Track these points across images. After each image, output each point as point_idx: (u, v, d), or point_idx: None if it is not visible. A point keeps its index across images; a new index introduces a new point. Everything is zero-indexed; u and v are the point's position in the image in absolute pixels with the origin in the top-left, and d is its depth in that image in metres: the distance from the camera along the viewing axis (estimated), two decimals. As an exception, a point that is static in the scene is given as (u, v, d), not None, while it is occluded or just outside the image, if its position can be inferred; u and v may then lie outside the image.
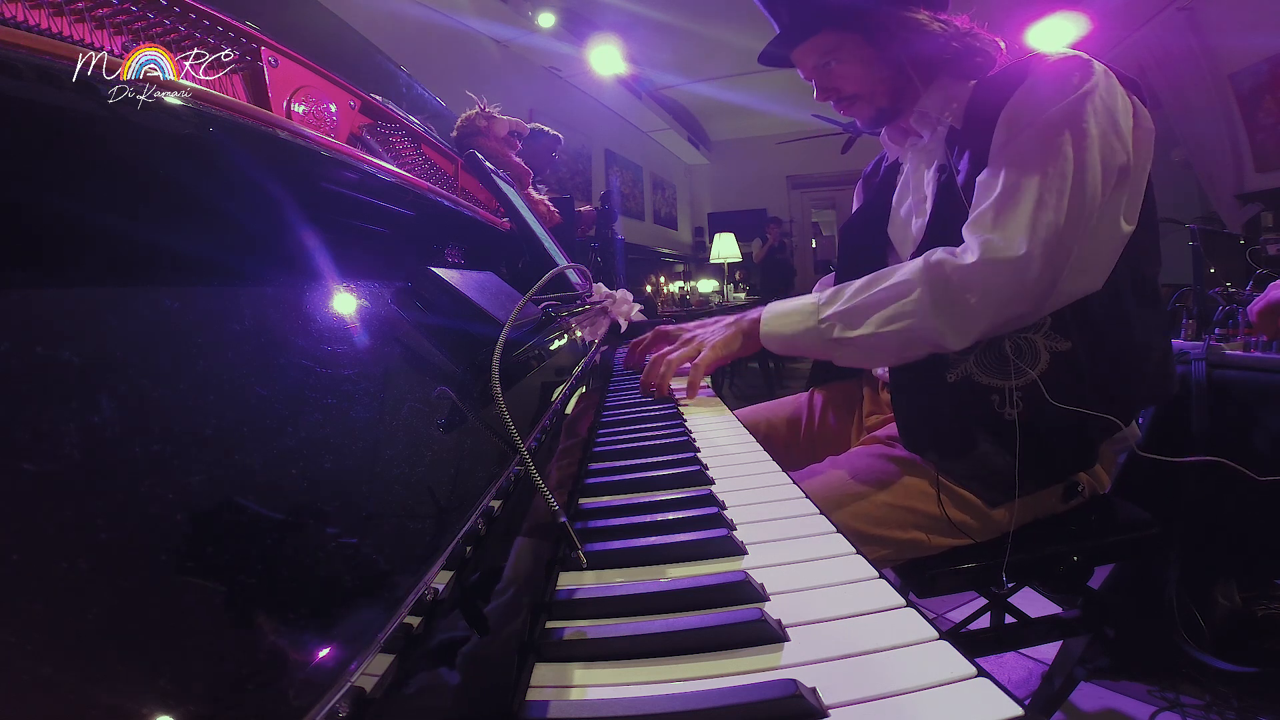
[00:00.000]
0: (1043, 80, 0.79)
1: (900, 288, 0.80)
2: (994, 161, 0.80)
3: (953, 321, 0.78)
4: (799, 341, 0.89)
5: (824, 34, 0.92)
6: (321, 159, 0.54)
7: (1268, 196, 3.64)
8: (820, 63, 0.94)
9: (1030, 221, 0.75)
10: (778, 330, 0.90)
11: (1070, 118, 0.76)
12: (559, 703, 0.31)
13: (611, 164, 5.68)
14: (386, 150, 1.01)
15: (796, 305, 0.90)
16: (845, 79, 0.94)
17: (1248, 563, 1.29)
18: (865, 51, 0.91)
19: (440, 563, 0.31)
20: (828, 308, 0.86)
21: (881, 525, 0.82)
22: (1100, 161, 0.75)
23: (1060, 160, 0.75)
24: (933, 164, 0.93)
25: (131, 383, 0.26)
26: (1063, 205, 0.74)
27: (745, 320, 0.95)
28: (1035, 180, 0.75)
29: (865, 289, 0.84)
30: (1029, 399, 0.80)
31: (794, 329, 0.89)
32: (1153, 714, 1.25)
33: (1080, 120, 0.75)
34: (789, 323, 0.90)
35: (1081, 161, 0.75)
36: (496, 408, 0.46)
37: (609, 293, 1.55)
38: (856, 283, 0.85)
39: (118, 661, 0.18)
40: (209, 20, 0.66)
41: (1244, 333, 1.42)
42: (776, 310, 0.92)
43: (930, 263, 0.79)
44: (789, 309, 0.90)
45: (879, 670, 0.32)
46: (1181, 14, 3.83)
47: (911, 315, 0.79)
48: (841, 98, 0.96)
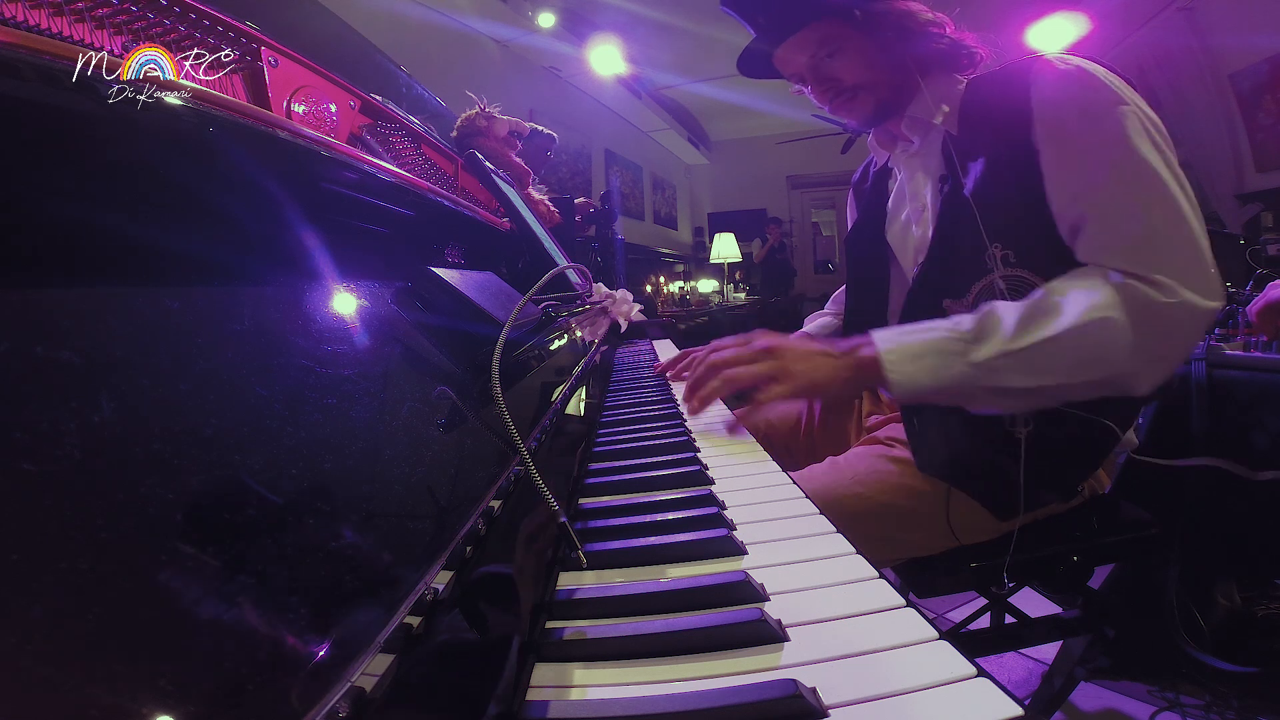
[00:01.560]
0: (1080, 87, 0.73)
1: (1095, 329, 0.68)
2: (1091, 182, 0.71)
3: (1152, 365, 0.69)
4: (944, 391, 0.72)
5: (815, 26, 0.87)
6: (321, 159, 0.54)
7: (1268, 196, 3.64)
8: (815, 56, 0.89)
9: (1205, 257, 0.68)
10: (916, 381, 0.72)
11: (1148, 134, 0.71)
12: (559, 703, 0.31)
13: (611, 164, 5.67)
14: (386, 150, 1.01)
15: (930, 342, 0.72)
16: (846, 69, 0.88)
17: (1248, 563, 1.29)
18: (863, 42, 0.87)
19: (440, 563, 0.31)
20: (982, 346, 0.70)
21: (882, 525, 0.82)
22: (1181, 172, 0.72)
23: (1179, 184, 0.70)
24: (930, 172, 0.90)
25: (131, 383, 0.26)
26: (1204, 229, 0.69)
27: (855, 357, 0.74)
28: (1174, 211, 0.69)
29: (1035, 323, 0.70)
30: (1039, 416, 0.79)
31: (938, 378, 0.71)
32: (1153, 714, 1.25)
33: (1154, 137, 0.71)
34: (929, 368, 0.71)
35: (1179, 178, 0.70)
36: (496, 408, 0.46)
37: (609, 293, 1.55)
38: (1008, 314, 0.71)
39: (118, 661, 0.18)
40: (209, 20, 0.66)
41: (1244, 333, 1.42)
42: (901, 351, 0.72)
43: (1125, 298, 0.68)
44: (920, 349, 0.72)
45: (879, 670, 0.32)
46: (1181, 14, 3.83)
47: (1114, 362, 0.68)
48: (842, 90, 0.89)
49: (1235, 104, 3.75)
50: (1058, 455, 0.81)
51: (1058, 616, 1.06)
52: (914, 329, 0.74)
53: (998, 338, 0.70)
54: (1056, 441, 0.80)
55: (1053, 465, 0.81)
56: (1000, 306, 0.72)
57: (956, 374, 0.70)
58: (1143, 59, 4.13)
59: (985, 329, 0.71)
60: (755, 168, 7.48)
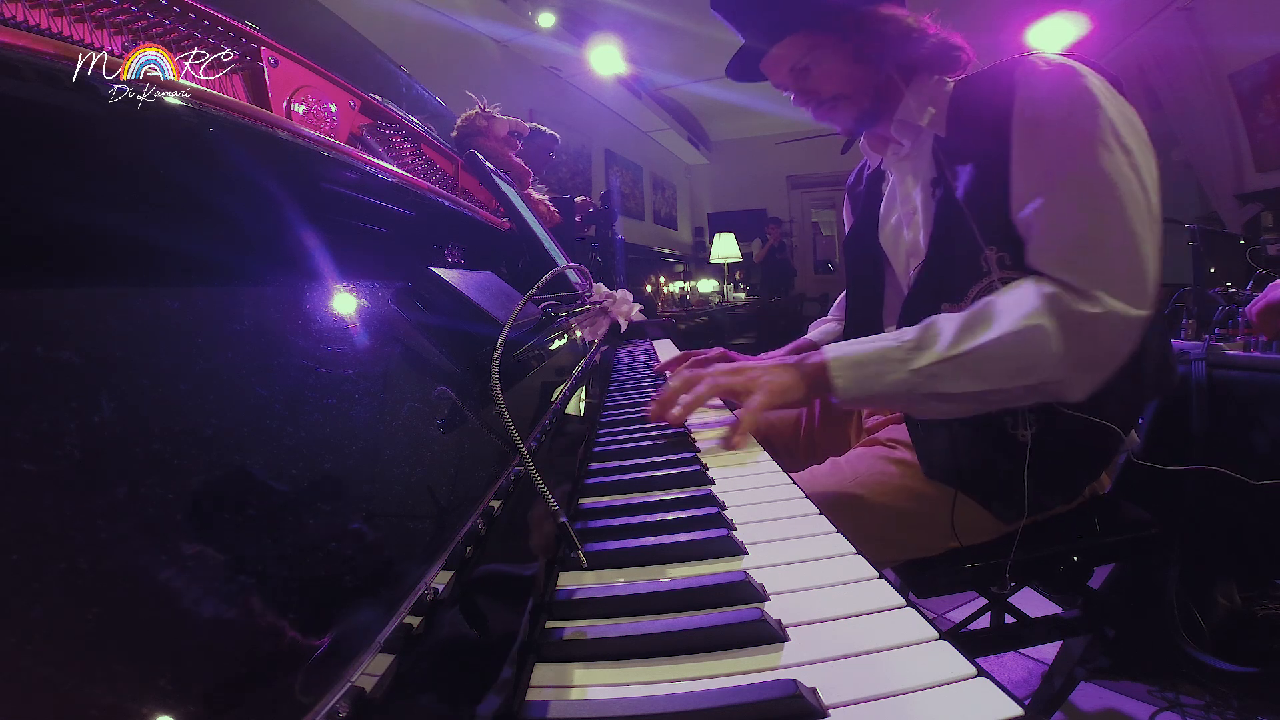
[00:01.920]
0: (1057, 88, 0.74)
1: (1025, 338, 0.70)
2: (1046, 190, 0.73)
3: (1085, 375, 0.71)
4: (885, 397, 0.76)
5: (798, 35, 0.88)
6: (321, 159, 0.54)
7: (1268, 196, 3.64)
8: (797, 66, 0.90)
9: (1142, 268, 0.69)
10: (857, 385, 0.75)
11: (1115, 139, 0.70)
12: (559, 703, 0.31)
13: (611, 164, 5.67)
14: (386, 150, 1.01)
15: (873, 351, 0.76)
16: (826, 80, 0.89)
17: (1248, 563, 1.29)
18: (844, 51, 0.87)
19: (440, 563, 0.31)
20: (922, 354, 0.73)
21: (882, 525, 0.82)
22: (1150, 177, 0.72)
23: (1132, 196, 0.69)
24: (920, 174, 0.90)
25: (131, 383, 0.26)
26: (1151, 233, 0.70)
27: (809, 366, 0.78)
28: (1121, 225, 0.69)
29: (970, 332, 0.72)
30: (1041, 419, 0.79)
31: (878, 384, 0.75)
32: (1153, 714, 1.26)
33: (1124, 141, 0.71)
34: (870, 375, 0.75)
35: (1144, 183, 0.70)
36: (496, 408, 0.46)
37: (609, 293, 1.55)
38: (949, 324, 0.74)
39: (118, 661, 0.18)
40: (209, 20, 0.66)
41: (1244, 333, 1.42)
42: (848, 358, 0.77)
43: (1054, 307, 0.70)
44: (864, 356, 0.76)
45: (879, 670, 0.32)
46: (1181, 14, 3.83)
47: (1042, 370, 0.70)
48: (822, 101, 0.91)
49: (1235, 104, 3.75)
50: (1061, 457, 0.81)
51: (1058, 616, 1.06)
52: (864, 340, 0.78)
53: (936, 347, 0.73)
54: (1060, 444, 0.80)
55: (1057, 467, 0.81)
56: (942, 318, 0.76)
57: (897, 380, 0.74)
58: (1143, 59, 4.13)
59: (926, 339, 0.74)
60: (755, 168, 7.48)
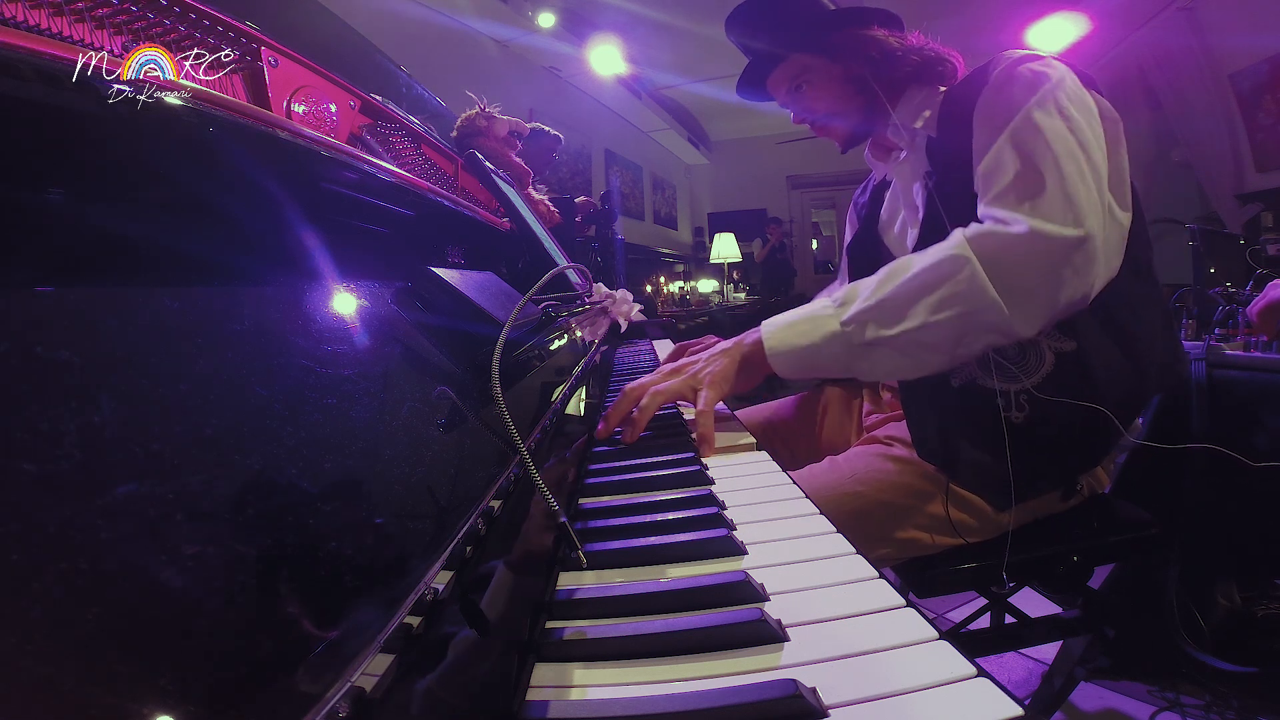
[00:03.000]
0: (1011, 76, 0.78)
1: (943, 267, 0.71)
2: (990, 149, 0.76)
3: (1019, 301, 0.70)
4: (818, 354, 0.76)
5: (791, 59, 0.96)
6: (321, 159, 0.54)
7: (1268, 196, 3.64)
8: (792, 86, 0.97)
9: (1070, 193, 0.70)
10: (788, 344, 0.77)
11: (1055, 104, 0.74)
12: (559, 703, 0.31)
13: (611, 164, 5.67)
14: (386, 150, 1.01)
15: (805, 312, 0.79)
16: (816, 100, 0.96)
17: (1248, 563, 1.29)
18: (833, 73, 0.94)
19: (440, 563, 0.31)
20: (848, 307, 0.75)
21: (881, 524, 0.82)
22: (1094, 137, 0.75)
23: (1062, 141, 0.72)
24: (918, 174, 0.93)
25: (131, 383, 0.26)
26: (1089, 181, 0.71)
27: (743, 344, 0.80)
28: (1050, 158, 0.71)
29: (891, 278, 0.74)
30: (1034, 401, 0.80)
31: (809, 339, 0.76)
32: (1153, 714, 1.26)
33: (1062, 107, 0.74)
34: (800, 333, 0.77)
35: (1085, 143, 0.73)
36: (496, 408, 0.46)
37: (609, 293, 1.55)
38: (872, 278, 0.76)
39: (118, 661, 0.18)
40: (209, 20, 0.66)
41: (1244, 333, 1.42)
42: (780, 322, 0.79)
43: (972, 234, 0.71)
44: (796, 317, 0.79)
45: (879, 670, 0.32)
46: (1181, 14, 3.83)
47: (967, 297, 0.70)
48: (816, 119, 0.98)
49: (1235, 104, 3.75)
50: (1054, 442, 0.81)
51: (1058, 616, 1.06)
52: (796, 310, 0.81)
53: (861, 297, 0.75)
54: (1052, 428, 0.80)
55: (1049, 455, 0.81)
56: (866, 279, 0.77)
57: (826, 335, 0.76)
58: (1143, 59, 4.13)
59: (851, 293, 0.77)
60: (755, 168, 7.48)
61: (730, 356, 0.79)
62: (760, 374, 0.80)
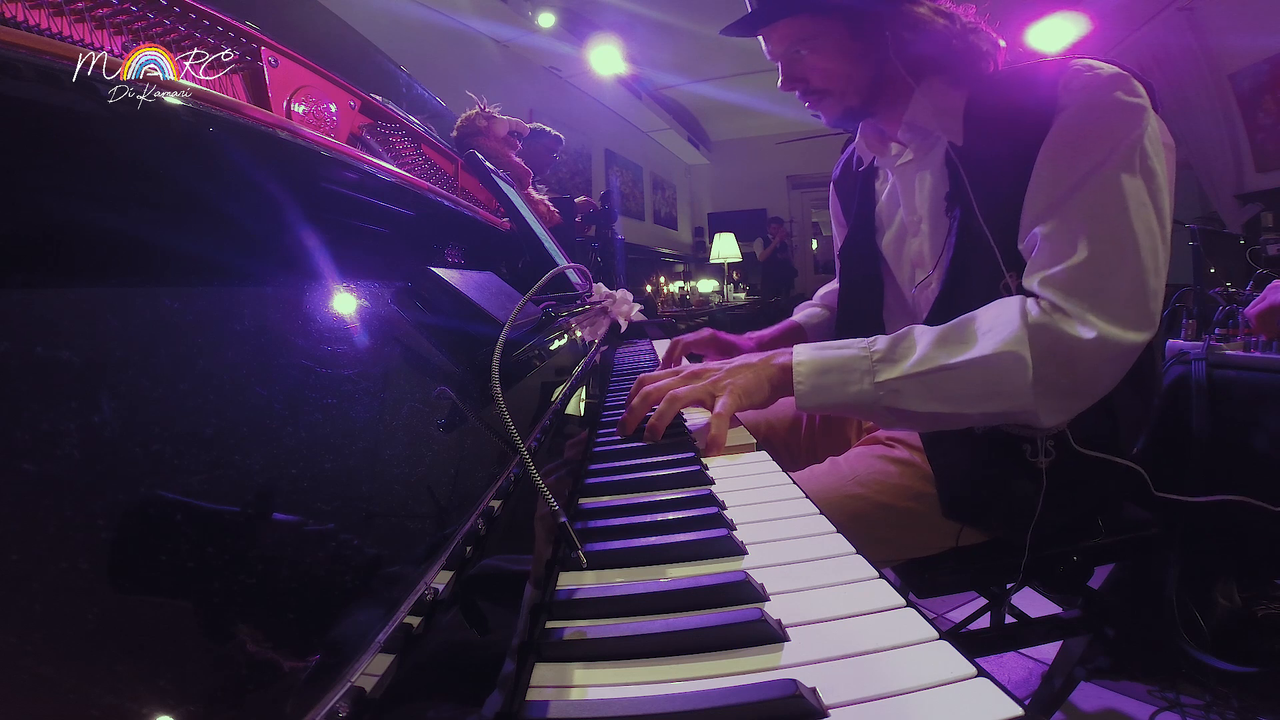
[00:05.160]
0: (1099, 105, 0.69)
1: (1006, 362, 0.67)
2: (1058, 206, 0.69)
3: (1058, 402, 0.67)
4: (843, 402, 0.72)
5: (801, 18, 0.82)
6: (321, 159, 0.54)
7: (1268, 196, 3.64)
8: (791, 49, 0.84)
9: (1146, 293, 0.66)
10: (816, 387, 0.73)
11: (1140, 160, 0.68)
12: (559, 703, 0.31)
13: (611, 164, 5.67)
14: (386, 150, 1.01)
15: (839, 359, 0.73)
16: (814, 71, 0.84)
17: (1248, 563, 1.29)
18: (845, 43, 0.82)
19: (440, 563, 0.31)
20: (889, 368, 0.71)
21: (881, 525, 0.82)
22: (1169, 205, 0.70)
23: (1145, 220, 0.67)
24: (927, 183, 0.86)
25: (131, 383, 0.26)
26: (1162, 265, 0.67)
27: (773, 367, 0.75)
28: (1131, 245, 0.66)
29: (944, 348, 0.69)
30: (1061, 444, 0.77)
31: (842, 393, 0.72)
32: (1153, 714, 1.26)
33: (1147, 160, 0.68)
34: (833, 382, 0.72)
35: (1161, 209, 0.68)
36: (496, 408, 0.46)
37: (609, 293, 1.55)
38: (922, 339, 0.71)
39: (118, 661, 0.18)
40: (209, 20, 0.66)
41: (1244, 333, 1.42)
42: (813, 364, 0.73)
43: (1036, 326, 0.66)
44: (830, 363, 0.73)
45: (879, 670, 0.32)
46: (1181, 14, 3.83)
47: (1011, 396, 0.67)
48: (808, 91, 0.86)
49: (1235, 104, 3.75)
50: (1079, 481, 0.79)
51: (1058, 616, 1.06)
52: (833, 344, 0.75)
53: (906, 362, 0.70)
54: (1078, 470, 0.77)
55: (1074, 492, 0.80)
56: (919, 329, 0.72)
57: (858, 392, 0.71)
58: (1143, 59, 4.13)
59: (896, 352, 0.72)
60: (755, 168, 7.48)
61: (757, 374, 0.75)
62: (779, 396, 0.77)
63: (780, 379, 0.75)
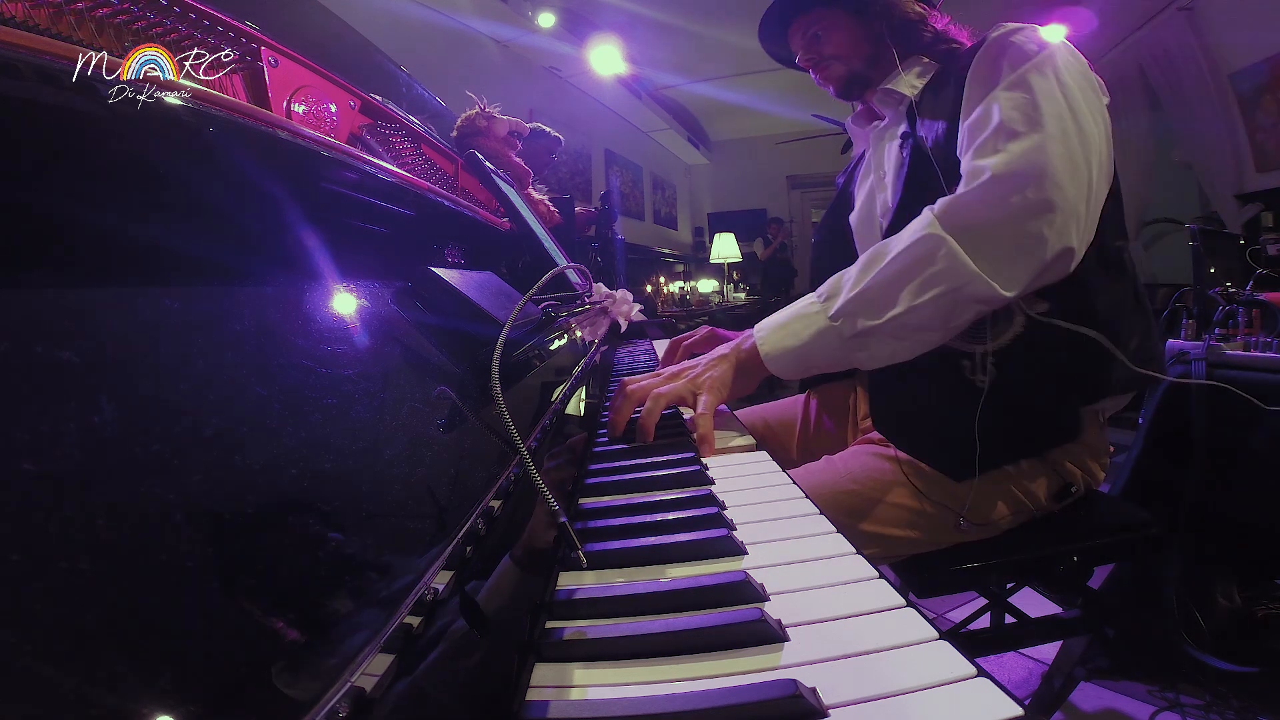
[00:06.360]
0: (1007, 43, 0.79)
1: (918, 249, 0.72)
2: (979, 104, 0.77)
3: (996, 263, 0.70)
4: (813, 351, 0.77)
5: (815, 12, 1.01)
6: (321, 159, 0.54)
7: (1268, 196, 3.63)
8: (808, 35, 1.02)
9: (1042, 142, 0.71)
10: (782, 346, 0.78)
11: (1052, 69, 0.75)
12: (559, 703, 0.31)
13: (611, 164, 5.67)
14: (386, 150, 1.01)
15: (793, 311, 0.80)
16: (828, 43, 1.01)
17: (1248, 563, 1.29)
18: (851, 22, 0.99)
19: (440, 563, 0.31)
20: (833, 302, 0.77)
21: (878, 523, 0.82)
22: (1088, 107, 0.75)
23: (1053, 101, 0.73)
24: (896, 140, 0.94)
25: (131, 383, 0.26)
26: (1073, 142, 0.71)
27: (743, 350, 0.80)
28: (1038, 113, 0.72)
29: (870, 266, 0.75)
30: (1002, 364, 0.78)
31: (801, 338, 0.77)
32: (1153, 714, 1.26)
33: (1059, 72, 0.75)
34: (791, 333, 0.78)
35: (1074, 105, 0.74)
36: (496, 408, 0.46)
37: (609, 293, 1.55)
38: (852, 269, 0.78)
39: (118, 661, 0.18)
40: (209, 20, 0.66)
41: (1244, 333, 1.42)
42: (771, 325, 0.80)
43: (940, 209, 0.72)
44: (785, 318, 0.80)
45: (879, 670, 0.32)
46: (1181, 14, 3.83)
47: (948, 275, 0.70)
48: (821, 59, 1.01)
49: (1235, 104, 3.75)
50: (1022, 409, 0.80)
51: (1058, 616, 1.06)
52: (784, 310, 0.82)
53: (844, 292, 0.76)
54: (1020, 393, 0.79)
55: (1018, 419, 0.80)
56: (848, 270, 0.78)
57: (819, 331, 0.77)
58: (1143, 58, 4.13)
59: (834, 287, 0.78)
60: (755, 168, 7.48)
61: (728, 362, 0.80)
62: (758, 377, 0.81)
63: (750, 358, 0.80)
